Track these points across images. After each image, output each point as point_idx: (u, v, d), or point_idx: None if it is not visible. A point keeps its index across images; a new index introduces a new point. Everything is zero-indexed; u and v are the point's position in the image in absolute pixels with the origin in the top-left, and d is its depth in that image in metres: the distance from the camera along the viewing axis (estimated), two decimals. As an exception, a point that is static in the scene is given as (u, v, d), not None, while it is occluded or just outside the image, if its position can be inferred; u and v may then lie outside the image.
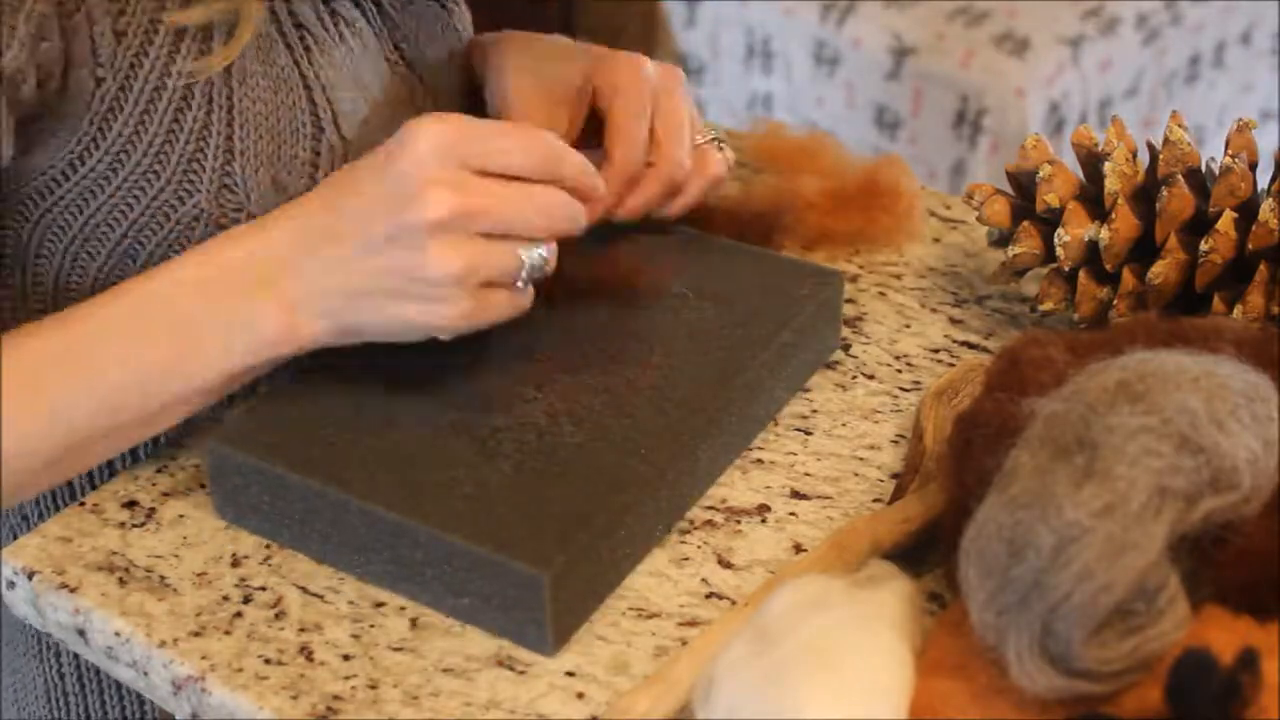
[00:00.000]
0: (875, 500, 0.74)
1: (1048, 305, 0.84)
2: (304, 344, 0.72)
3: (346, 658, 0.66)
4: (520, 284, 0.71)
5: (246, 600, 0.69)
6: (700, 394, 0.74)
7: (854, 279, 0.92)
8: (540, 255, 0.71)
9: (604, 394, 0.74)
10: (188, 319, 0.71)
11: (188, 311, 0.71)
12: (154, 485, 0.76)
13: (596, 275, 0.81)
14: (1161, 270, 0.79)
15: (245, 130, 0.77)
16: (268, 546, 0.72)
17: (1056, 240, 0.82)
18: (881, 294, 0.90)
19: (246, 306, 0.70)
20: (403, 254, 0.68)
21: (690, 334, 0.79)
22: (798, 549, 0.71)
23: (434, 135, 0.68)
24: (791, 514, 0.73)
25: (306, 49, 0.81)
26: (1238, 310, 0.77)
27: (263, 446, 0.71)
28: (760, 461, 0.77)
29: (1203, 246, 0.78)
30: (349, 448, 0.71)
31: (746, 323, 0.79)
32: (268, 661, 0.66)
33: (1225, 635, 0.56)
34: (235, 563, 0.71)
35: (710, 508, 0.74)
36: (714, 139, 0.89)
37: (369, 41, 0.86)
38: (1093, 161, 0.84)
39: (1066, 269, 0.82)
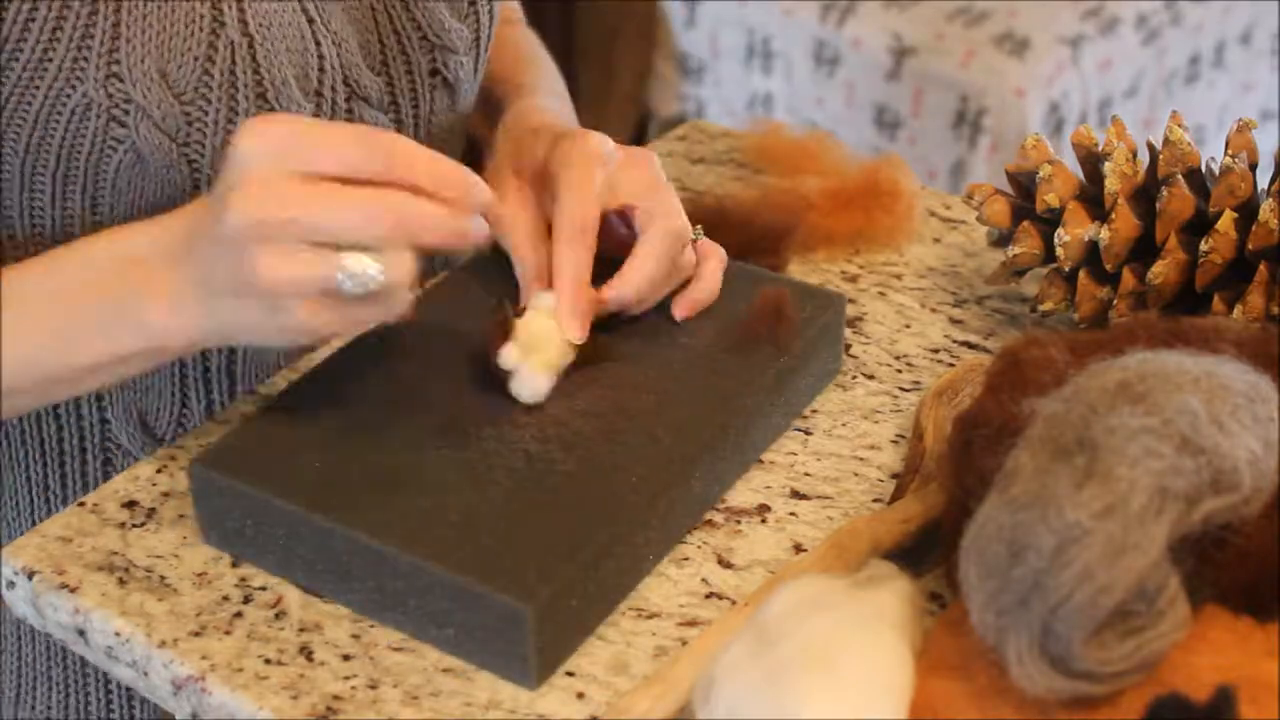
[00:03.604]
0: (875, 500, 0.74)
1: (1048, 305, 0.84)
2: (181, 338, 0.69)
3: (346, 658, 0.66)
4: (358, 297, 0.64)
5: (246, 600, 0.69)
6: (695, 421, 0.72)
7: (854, 279, 0.92)
8: (365, 270, 0.63)
9: (596, 419, 0.72)
10: (81, 300, 0.70)
11: (83, 292, 0.70)
12: (154, 485, 0.76)
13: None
14: (1161, 270, 0.79)
15: (133, 15, 0.74)
16: (268, 546, 0.72)
17: (1056, 240, 0.82)
18: (881, 294, 0.90)
19: (135, 295, 0.69)
20: (233, 258, 0.65)
21: (687, 358, 0.76)
22: (798, 549, 0.71)
23: (256, 136, 0.65)
24: (791, 514, 0.73)
25: None
26: (1238, 310, 0.77)
27: (246, 469, 0.69)
28: (760, 461, 0.77)
29: (1203, 246, 0.78)
30: (334, 472, 0.69)
31: (745, 347, 0.77)
32: (268, 661, 0.66)
33: (1225, 636, 0.57)
34: (235, 563, 0.71)
35: (710, 508, 0.74)
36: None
37: None
38: (1093, 161, 0.84)
39: (1066, 269, 0.82)
